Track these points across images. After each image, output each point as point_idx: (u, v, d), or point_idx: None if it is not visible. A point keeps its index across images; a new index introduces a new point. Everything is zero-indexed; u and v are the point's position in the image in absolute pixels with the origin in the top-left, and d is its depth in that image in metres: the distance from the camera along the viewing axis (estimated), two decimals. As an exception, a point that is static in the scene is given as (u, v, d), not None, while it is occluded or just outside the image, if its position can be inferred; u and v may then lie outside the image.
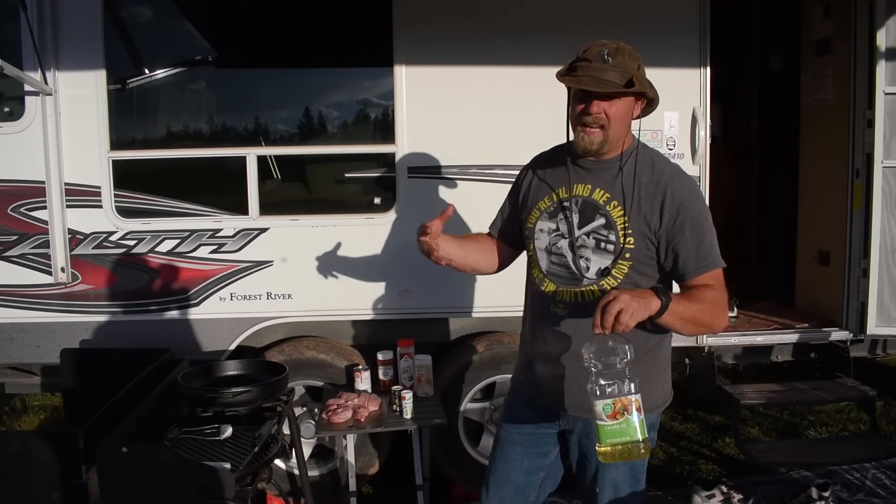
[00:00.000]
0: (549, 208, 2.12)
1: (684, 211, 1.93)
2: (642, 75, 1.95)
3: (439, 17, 3.51)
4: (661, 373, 2.13)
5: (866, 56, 3.80)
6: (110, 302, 3.54)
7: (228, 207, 3.56)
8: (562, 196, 2.09)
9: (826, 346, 4.08)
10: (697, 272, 1.93)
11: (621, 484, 2.10)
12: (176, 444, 2.41)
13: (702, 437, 4.56)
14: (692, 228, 1.93)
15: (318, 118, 3.68)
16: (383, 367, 3.52)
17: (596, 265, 2.01)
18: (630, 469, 2.10)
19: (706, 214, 1.97)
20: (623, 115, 1.96)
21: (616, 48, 1.92)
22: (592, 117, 1.93)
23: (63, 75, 3.41)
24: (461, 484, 3.76)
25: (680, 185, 1.97)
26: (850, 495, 3.45)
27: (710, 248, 1.94)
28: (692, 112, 3.60)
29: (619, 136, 1.99)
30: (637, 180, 1.99)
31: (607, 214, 2.00)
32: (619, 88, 1.89)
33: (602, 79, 1.88)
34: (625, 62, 1.90)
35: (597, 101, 1.92)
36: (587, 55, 1.93)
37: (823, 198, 4.34)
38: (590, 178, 2.06)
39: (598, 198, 2.03)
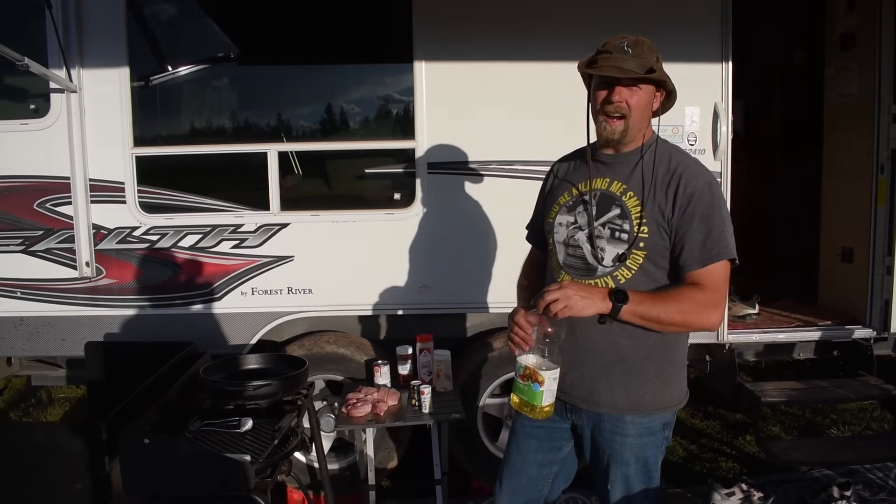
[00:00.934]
0: (569, 202, 2.16)
1: (695, 202, 1.95)
2: (661, 66, 2.00)
3: (459, 13, 3.51)
4: (675, 372, 2.12)
5: (891, 49, 3.76)
6: (134, 296, 3.59)
7: (250, 203, 3.59)
8: (581, 190, 2.13)
9: (849, 344, 4.03)
10: (700, 264, 1.93)
11: (633, 480, 2.10)
12: (197, 435, 2.44)
13: (722, 434, 4.54)
14: (700, 219, 1.94)
15: (339, 114, 3.71)
16: (402, 361, 3.53)
17: (611, 254, 2.03)
18: (643, 466, 2.09)
19: (718, 207, 1.96)
20: (643, 106, 2.00)
21: (635, 40, 1.97)
22: (614, 106, 1.98)
23: (87, 72, 3.45)
24: (479, 478, 3.78)
25: (693, 176, 1.98)
26: (873, 495, 3.42)
27: (716, 241, 1.93)
28: (714, 107, 3.57)
29: (639, 127, 2.03)
30: (654, 171, 2.01)
31: (623, 204, 2.03)
32: (639, 75, 1.93)
33: (623, 67, 1.93)
34: (644, 53, 1.96)
35: (619, 88, 1.97)
36: (607, 47, 1.99)
37: (847, 194, 4.28)
38: (608, 171, 2.10)
39: (615, 189, 2.06)
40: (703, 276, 1.93)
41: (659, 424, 2.09)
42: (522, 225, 3.53)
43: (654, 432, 2.08)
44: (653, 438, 2.09)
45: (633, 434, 2.06)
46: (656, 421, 2.08)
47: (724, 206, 2.00)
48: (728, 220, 1.98)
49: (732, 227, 1.99)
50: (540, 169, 3.54)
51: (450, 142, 3.57)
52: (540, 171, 3.54)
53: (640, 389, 2.04)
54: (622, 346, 2.03)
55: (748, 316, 4.23)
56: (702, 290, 1.91)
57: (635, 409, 2.05)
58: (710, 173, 2.03)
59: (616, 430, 2.07)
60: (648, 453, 2.09)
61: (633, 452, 2.07)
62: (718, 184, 2.05)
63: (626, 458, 2.08)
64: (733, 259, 1.96)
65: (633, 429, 2.06)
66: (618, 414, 2.06)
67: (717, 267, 1.94)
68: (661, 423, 2.09)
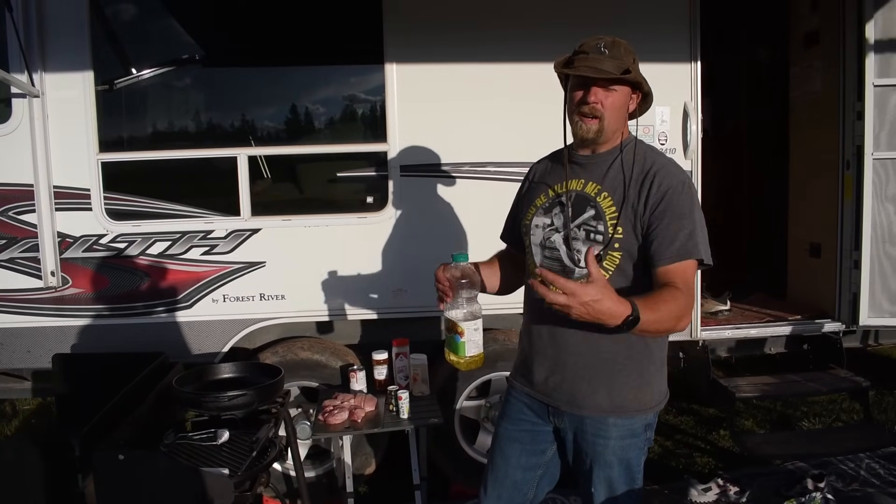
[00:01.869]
0: (545, 204, 2.14)
1: (668, 199, 1.93)
2: (637, 68, 2.00)
3: (430, 15, 3.49)
4: (655, 372, 2.11)
5: (855, 48, 3.82)
6: (101, 305, 3.50)
7: (220, 208, 3.53)
8: (557, 192, 2.12)
9: (819, 338, 4.10)
10: (668, 261, 1.90)
11: (616, 482, 2.09)
12: (172, 450, 2.39)
13: (696, 429, 4.57)
14: (672, 217, 1.92)
15: (310, 117, 3.66)
16: (378, 366, 3.50)
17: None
18: (626, 468, 2.09)
19: (690, 206, 1.94)
20: (619, 106, 2.00)
21: (612, 41, 1.97)
22: (589, 107, 1.98)
23: (50, 77, 3.36)
24: (458, 482, 3.76)
25: (668, 175, 1.97)
26: (845, 485, 3.47)
27: (686, 240, 1.90)
28: (683, 106, 3.59)
29: (615, 128, 2.02)
30: (628, 172, 2.00)
31: (597, 206, 2.01)
32: (615, 76, 1.93)
33: (599, 68, 1.93)
34: (621, 54, 1.96)
35: (595, 89, 1.97)
36: (584, 48, 1.99)
37: (814, 190, 4.35)
38: (584, 173, 2.09)
39: (589, 191, 2.05)
40: (673, 272, 1.89)
41: (641, 426, 2.08)
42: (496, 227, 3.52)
43: (636, 434, 2.08)
44: (635, 440, 2.08)
45: (616, 436, 2.05)
46: (638, 422, 2.07)
47: (698, 207, 1.98)
48: (700, 222, 1.96)
49: (706, 231, 1.97)
50: (512, 171, 3.55)
51: (422, 144, 3.55)
52: (512, 172, 3.55)
53: (622, 391, 2.03)
54: (603, 348, 2.02)
55: (720, 312, 4.28)
56: (682, 293, 1.85)
57: (618, 410, 2.04)
58: (684, 173, 2.02)
59: (599, 432, 2.06)
60: (631, 455, 2.08)
61: (615, 455, 2.07)
62: (693, 185, 2.01)
63: (609, 460, 2.07)
64: (701, 260, 1.93)
65: (615, 431, 2.05)
66: (600, 416, 2.05)
67: (688, 266, 1.91)
68: (643, 424, 2.09)
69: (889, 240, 3.82)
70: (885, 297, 3.86)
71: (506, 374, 3.64)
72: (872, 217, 3.79)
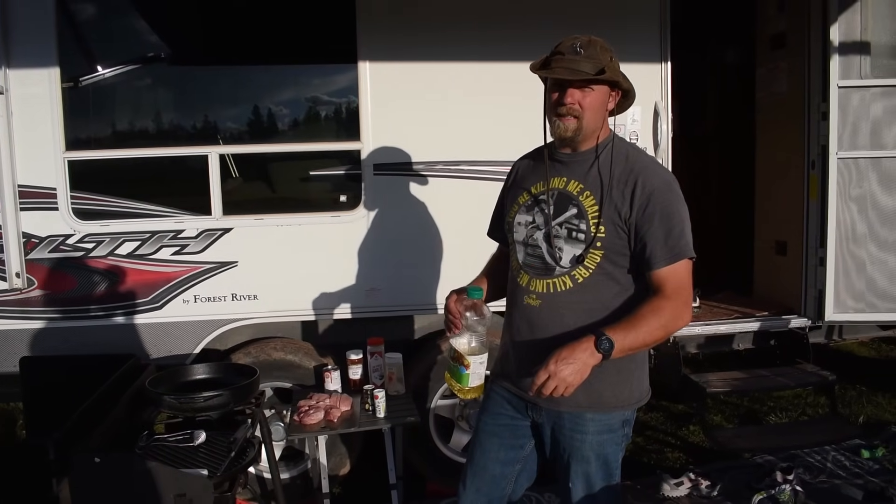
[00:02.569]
0: (528, 202, 2.15)
1: (654, 200, 1.95)
2: (615, 66, 2.00)
3: (403, 13, 3.48)
4: (635, 370, 2.13)
5: (820, 50, 3.89)
6: (69, 307, 3.42)
7: (191, 207, 3.47)
8: (539, 190, 2.13)
9: (785, 334, 4.18)
10: (663, 262, 1.94)
11: (594, 478, 2.11)
12: (148, 451, 2.35)
13: (666, 425, 4.63)
14: (661, 218, 1.94)
15: (282, 115, 3.62)
16: (353, 366, 3.48)
17: (568, 254, 2.03)
18: (603, 464, 2.11)
19: (677, 205, 1.98)
20: (597, 106, 2.00)
21: (588, 41, 1.97)
22: (567, 107, 1.98)
23: (14, 73, 3.28)
24: (434, 481, 3.76)
25: (652, 175, 2.00)
26: (813, 477, 3.54)
27: (678, 239, 1.94)
28: (654, 106, 3.64)
29: (594, 127, 2.03)
30: (611, 171, 2.01)
31: (579, 204, 2.03)
32: (590, 76, 1.94)
33: (575, 69, 1.94)
34: (597, 53, 1.96)
35: (571, 90, 1.97)
36: (560, 48, 2.00)
37: (779, 189, 4.44)
38: (565, 171, 2.10)
39: (572, 189, 2.06)
40: (669, 274, 1.94)
41: (618, 421, 2.10)
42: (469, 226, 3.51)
43: (613, 429, 2.10)
44: (612, 436, 2.10)
45: (593, 431, 2.07)
46: (615, 418, 2.09)
47: (683, 204, 2.01)
48: (687, 220, 2.00)
49: (691, 225, 2.01)
50: (486, 169, 3.56)
51: (395, 143, 3.54)
52: (486, 171, 3.56)
53: (599, 387, 2.02)
54: None
55: (690, 309, 4.33)
56: (670, 297, 1.92)
57: (595, 406, 2.06)
58: (668, 172, 2.08)
59: (576, 427, 2.08)
60: (608, 450, 2.11)
61: (593, 450, 2.09)
62: (676, 181, 2.04)
63: (587, 455, 2.09)
64: (692, 257, 1.98)
65: (592, 426, 2.07)
66: (578, 411, 2.06)
67: (682, 265, 1.95)
68: (621, 420, 2.11)
69: (852, 239, 3.90)
70: (848, 295, 3.95)
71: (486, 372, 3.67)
72: (837, 216, 3.87)
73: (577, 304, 2.03)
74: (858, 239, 3.90)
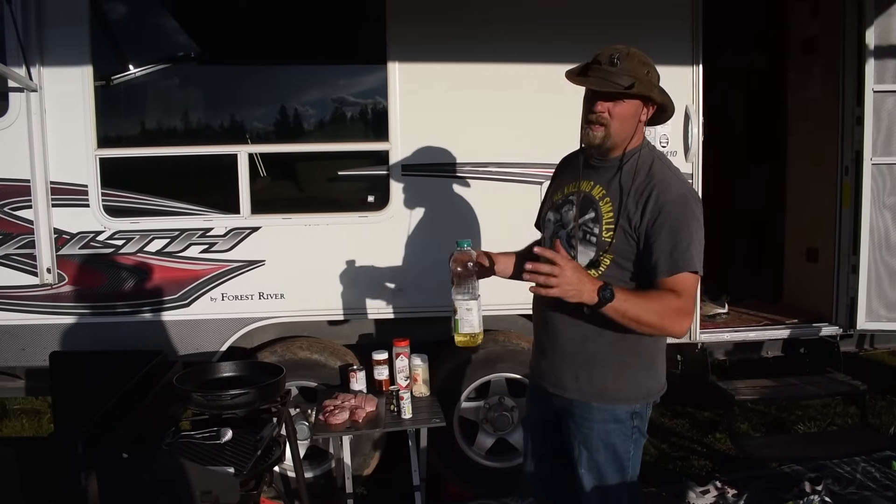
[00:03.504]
0: (559, 201, 2.25)
1: (665, 213, 1.99)
2: (649, 80, 2.04)
3: (433, 14, 3.47)
4: (642, 368, 2.18)
5: (854, 54, 3.84)
6: (98, 303, 3.46)
7: (219, 206, 3.50)
8: (569, 191, 2.23)
9: (815, 342, 4.12)
10: (666, 273, 1.98)
11: (603, 468, 2.18)
12: (174, 448, 2.35)
13: (692, 432, 4.58)
14: (669, 231, 1.98)
15: (311, 115, 3.63)
16: (379, 366, 3.48)
17: (582, 255, 2.11)
18: (612, 454, 2.17)
19: (688, 219, 2.00)
20: (626, 117, 2.05)
21: (626, 53, 2.03)
22: (596, 115, 2.05)
23: (48, 71, 3.32)
24: (456, 483, 3.74)
25: (667, 187, 2.03)
26: (842, 488, 3.49)
27: (682, 253, 1.97)
28: (685, 110, 3.60)
29: (623, 136, 2.07)
30: (632, 179, 2.07)
31: (598, 209, 2.10)
32: (619, 90, 1.99)
33: (607, 80, 2.00)
34: (632, 67, 2.01)
35: (601, 100, 2.03)
36: (599, 58, 2.06)
37: (811, 195, 4.38)
38: (595, 175, 2.17)
39: (596, 193, 2.14)
40: (672, 284, 1.98)
41: (625, 413, 2.15)
42: (497, 226, 3.53)
43: (620, 420, 2.15)
44: (619, 426, 2.16)
45: (599, 420, 2.15)
46: (621, 410, 2.15)
47: (697, 220, 2.02)
48: (697, 235, 2.01)
49: (703, 242, 2.03)
50: (514, 171, 3.55)
51: (424, 144, 3.53)
52: (514, 173, 3.55)
53: (601, 380, 2.13)
54: (587, 338, 2.12)
55: (718, 315, 4.29)
56: (678, 297, 1.96)
57: (598, 397, 2.14)
58: (685, 186, 2.08)
59: (584, 415, 2.17)
60: (616, 441, 2.16)
61: (600, 439, 2.16)
62: (696, 197, 2.07)
63: (595, 444, 2.17)
64: (696, 271, 2.00)
65: (598, 414, 2.15)
66: (585, 402, 2.16)
67: (686, 277, 1.98)
68: (628, 412, 2.15)
69: (886, 247, 3.84)
70: (881, 304, 3.89)
71: (505, 375, 3.68)
72: (871, 222, 3.81)
73: None
74: (892, 248, 3.83)
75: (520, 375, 3.66)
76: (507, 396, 3.74)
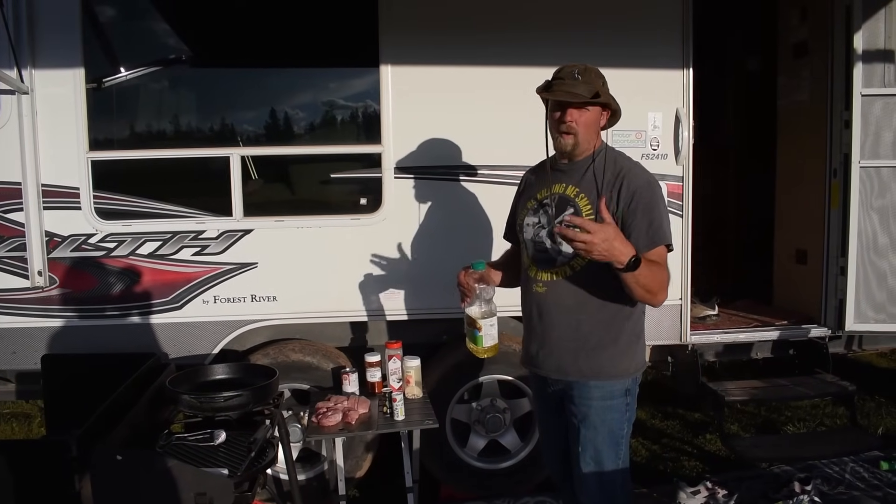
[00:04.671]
0: (534, 206, 2.50)
1: (637, 197, 2.28)
2: (606, 90, 2.37)
3: (425, 17, 3.49)
4: (631, 345, 2.42)
5: (843, 58, 3.88)
6: (89, 306, 3.45)
7: (212, 209, 3.50)
8: (543, 195, 2.46)
9: (804, 343, 4.15)
10: (647, 247, 2.24)
11: (600, 446, 2.38)
12: (168, 450, 2.35)
13: (682, 433, 4.61)
14: (643, 212, 2.27)
15: (303, 118, 3.64)
16: (371, 368, 3.48)
17: (567, 247, 2.28)
18: (609, 432, 2.38)
19: (656, 201, 2.30)
20: (591, 123, 2.36)
21: (584, 68, 2.34)
22: (566, 125, 2.34)
23: (40, 73, 3.32)
24: (448, 485, 3.75)
25: (635, 176, 2.33)
26: (831, 488, 3.51)
27: (657, 229, 2.27)
28: (675, 113, 3.62)
29: (588, 140, 2.38)
30: (602, 175, 2.34)
31: (576, 205, 2.36)
32: (586, 99, 2.29)
33: (573, 92, 2.29)
34: (592, 79, 2.33)
35: (570, 110, 2.32)
36: (560, 74, 2.36)
37: (800, 197, 4.41)
38: (565, 178, 2.43)
39: (569, 193, 2.40)
40: (652, 256, 2.23)
41: (620, 390, 2.39)
42: (488, 229, 3.54)
43: (615, 396, 2.38)
44: (615, 402, 2.39)
45: (597, 397, 2.37)
46: (617, 386, 2.38)
47: (662, 201, 2.34)
48: (665, 213, 2.33)
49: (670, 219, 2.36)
50: (505, 174, 3.56)
51: (416, 146, 3.54)
52: (505, 175, 3.56)
53: (599, 360, 2.36)
54: (582, 323, 2.37)
55: (708, 317, 4.31)
56: (665, 269, 2.26)
57: (597, 375, 2.37)
58: (649, 173, 2.38)
59: (583, 394, 2.38)
60: (613, 417, 2.39)
61: (598, 415, 2.37)
62: (657, 181, 2.37)
63: (594, 421, 2.38)
64: (669, 245, 2.32)
65: (596, 392, 2.37)
66: (583, 381, 2.38)
67: (662, 250, 2.29)
68: (622, 388, 2.39)
69: (874, 249, 3.89)
70: (869, 306, 3.93)
71: (497, 377, 3.69)
72: (859, 224, 3.85)
73: (576, 287, 2.36)
74: (880, 250, 3.87)
75: (511, 377, 3.68)
76: (498, 398, 3.75)
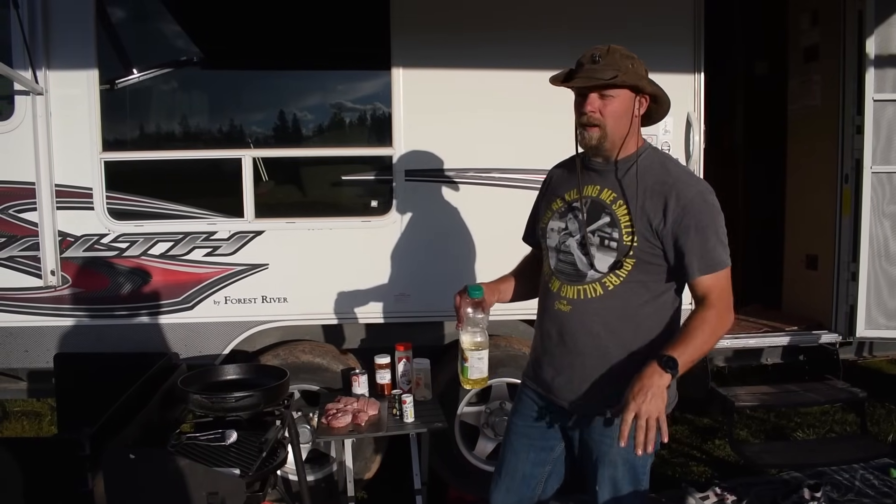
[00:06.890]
0: (561, 209, 2.19)
1: (689, 213, 1.98)
2: (635, 71, 2.01)
3: (437, 20, 3.50)
4: None
5: (855, 63, 3.87)
6: (101, 305, 3.47)
7: (223, 210, 3.51)
8: (572, 197, 2.16)
9: (814, 349, 4.14)
10: (701, 272, 1.98)
11: (620, 482, 2.12)
12: (180, 449, 2.36)
13: (691, 439, 4.59)
14: (697, 230, 1.97)
15: (315, 120, 3.66)
16: (381, 370, 3.49)
17: (600, 262, 2.06)
18: (630, 469, 2.12)
19: (712, 216, 2.00)
20: (620, 113, 2.02)
21: (607, 50, 2.01)
22: (587, 116, 2.02)
23: (54, 74, 3.34)
24: (456, 488, 3.75)
25: (686, 187, 2.01)
26: (841, 495, 3.48)
27: (713, 250, 1.98)
28: (686, 117, 3.62)
29: (619, 134, 2.04)
30: (644, 181, 2.04)
31: (612, 213, 2.06)
32: (602, 81, 1.97)
33: (590, 77, 1.99)
34: (615, 61, 1.99)
35: (591, 97, 2.01)
36: (581, 60, 2.05)
37: (810, 202, 4.40)
38: (599, 179, 2.12)
39: (605, 197, 2.09)
40: (711, 283, 1.99)
41: None
42: (499, 232, 3.53)
43: None
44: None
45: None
46: None
47: (719, 213, 2.03)
48: (722, 228, 2.03)
49: (726, 234, 2.04)
50: (517, 178, 3.57)
51: (427, 149, 3.55)
52: (517, 179, 3.56)
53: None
54: (610, 353, 2.07)
55: (718, 322, 4.29)
56: (714, 305, 1.97)
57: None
58: (702, 182, 2.08)
59: (604, 432, 2.09)
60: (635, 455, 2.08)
61: (620, 455, 2.08)
62: (710, 189, 2.07)
63: (614, 459, 2.10)
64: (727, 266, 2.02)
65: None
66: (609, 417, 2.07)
67: (721, 274, 2.00)
68: None
69: (885, 256, 3.87)
70: (880, 312, 3.91)
71: (507, 380, 3.68)
72: (870, 230, 3.83)
73: (606, 310, 2.06)
74: (892, 256, 3.85)
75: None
76: (507, 401, 3.75)
